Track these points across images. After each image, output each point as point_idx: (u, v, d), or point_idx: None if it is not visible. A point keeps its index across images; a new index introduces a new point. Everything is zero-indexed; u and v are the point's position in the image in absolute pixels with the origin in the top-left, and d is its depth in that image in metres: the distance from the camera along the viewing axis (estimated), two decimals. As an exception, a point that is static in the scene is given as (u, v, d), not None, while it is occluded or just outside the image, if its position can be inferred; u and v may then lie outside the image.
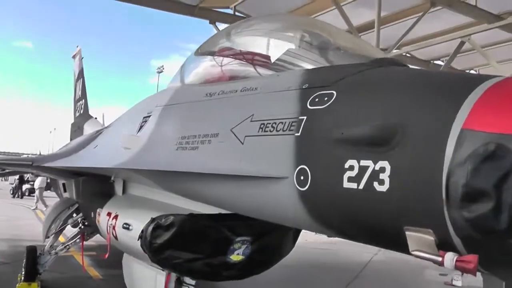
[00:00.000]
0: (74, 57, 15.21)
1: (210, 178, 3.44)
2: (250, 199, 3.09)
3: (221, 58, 4.50)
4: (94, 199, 6.41)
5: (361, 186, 2.29)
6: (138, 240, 4.48)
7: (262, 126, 2.96)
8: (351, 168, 2.34)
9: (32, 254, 8.85)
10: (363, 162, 2.30)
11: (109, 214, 5.51)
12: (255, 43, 4.27)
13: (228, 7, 21.48)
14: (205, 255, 4.43)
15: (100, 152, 5.77)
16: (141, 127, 4.86)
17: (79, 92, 13.76)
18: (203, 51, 4.95)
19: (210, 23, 21.75)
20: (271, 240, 4.70)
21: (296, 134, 2.69)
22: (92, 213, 6.23)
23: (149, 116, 4.82)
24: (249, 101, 3.32)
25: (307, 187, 2.56)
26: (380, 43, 16.08)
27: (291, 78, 3.15)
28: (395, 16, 19.87)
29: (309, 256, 12.73)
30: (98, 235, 9.17)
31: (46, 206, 24.47)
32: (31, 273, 8.70)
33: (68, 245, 8.81)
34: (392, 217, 2.21)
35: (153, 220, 4.42)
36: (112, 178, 5.64)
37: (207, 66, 4.60)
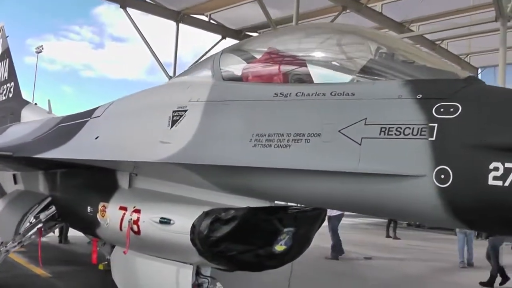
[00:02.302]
0: (-9, 35, 13.72)
1: (307, 175, 3.58)
2: (373, 195, 3.33)
3: (289, 59, 4.59)
4: (89, 193, 6.11)
5: (506, 184, 2.68)
6: (189, 234, 4.47)
7: (383, 129, 3.20)
8: (496, 169, 2.72)
9: (-20, 253, 8.12)
10: (508, 165, 2.70)
11: (123, 208, 5.32)
12: (333, 49, 4.44)
13: (140, -7, 21.19)
14: (256, 246, 4.60)
15: (112, 144, 5.44)
16: (174, 121, 4.76)
17: (4, 74, 12.44)
18: (252, 48, 5.01)
19: (121, 7, 21.21)
20: (307, 230, 4.99)
21: (430, 139, 3.00)
22: (88, 207, 5.93)
23: (184, 111, 4.72)
24: (352, 106, 3.50)
25: (448, 184, 2.89)
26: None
27: (394, 87, 3.41)
28: (312, 14, 21.01)
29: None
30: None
31: None
32: (-20, 274, 8.02)
33: (21, 241, 8.19)
34: None
35: (207, 214, 4.45)
36: (134, 172, 5.42)
37: (268, 65, 4.60)
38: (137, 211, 5.13)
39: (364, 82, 3.80)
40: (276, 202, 4.71)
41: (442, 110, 3.05)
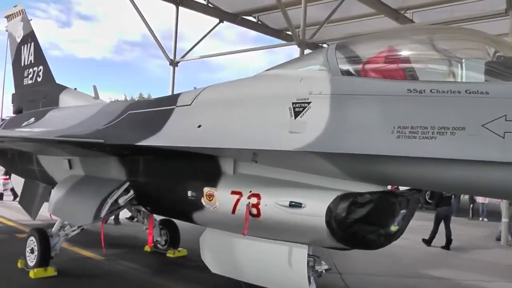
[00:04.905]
0: (9, 17, 13.31)
1: (450, 163, 4.08)
2: None
3: (413, 57, 4.98)
4: (189, 178, 6.38)
5: None
6: (323, 217, 4.89)
7: None
8: None
9: (44, 237, 8.28)
10: None
11: (237, 192, 5.65)
12: (456, 50, 4.86)
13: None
14: (380, 226, 5.06)
15: (225, 133, 5.63)
16: (297, 112, 5.06)
17: (30, 58, 12.16)
18: (369, 46, 5.38)
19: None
20: (412, 211, 5.50)
21: None
22: (189, 192, 6.23)
23: (306, 103, 5.03)
24: (490, 103, 3.98)
25: None
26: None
27: None
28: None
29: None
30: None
31: None
32: (45, 257, 8.16)
33: (82, 225, 8.37)
34: None
35: (342, 198, 4.87)
36: (254, 159, 5.68)
37: (391, 62, 4.95)
38: (256, 195, 5.48)
39: (495, 82, 4.28)
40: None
41: None
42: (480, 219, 20.95)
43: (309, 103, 5.08)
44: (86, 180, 8.25)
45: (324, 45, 27.20)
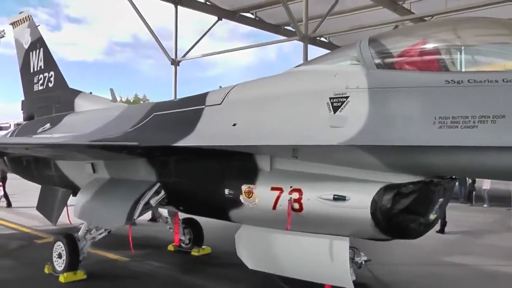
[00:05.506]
0: (14, 24, 13.24)
1: (491, 150, 4.20)
2: None
3: (447, 49, 5.08)
4: (225, 176, 6.43)
5: None
6: (368, 208, 5.02)
7: None
8: None
9: (72, 241, 8.31)
10: None
11: (277, 188, 5.74)
12: (488, 39, 5.01)
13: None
14: (421, 215, 5.20)
15: (263, 130, 5.68)
16: (336, 107, 5.15)
17: (39, 63, 12.12)
18: (402, 39, 5.48)
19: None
20: (447, 199, 5.62)
21: None
22: (226, 190, 6.30)
23: (345, 98, 5.11)
24: None
25: None
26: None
27: None
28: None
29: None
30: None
31: None
32: (74, 261, 8.20)
33: (109, 228, 8.41)
34: None
35: (385, 189, 4.97)
36: (295, 155, 5.72)
37: (427, 54, 5.07)
38: (297, 190, 5.56)
39: None
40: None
41: None
42: (485, 205, 21.21)
43: (347, 97, 5.15)
44: (113, 183, 8.28)
45: (322, 39, 27.43)
